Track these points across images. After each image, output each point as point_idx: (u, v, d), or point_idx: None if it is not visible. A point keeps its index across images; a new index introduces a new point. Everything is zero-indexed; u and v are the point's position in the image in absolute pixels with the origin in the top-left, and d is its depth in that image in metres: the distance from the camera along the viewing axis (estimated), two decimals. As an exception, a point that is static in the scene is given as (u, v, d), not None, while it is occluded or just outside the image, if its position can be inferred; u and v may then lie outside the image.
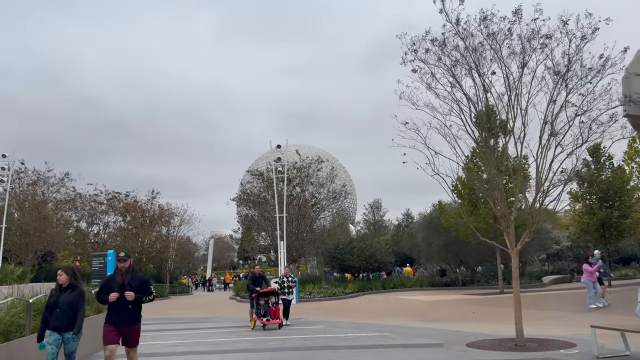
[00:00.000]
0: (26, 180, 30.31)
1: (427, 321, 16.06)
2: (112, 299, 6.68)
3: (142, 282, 6.99)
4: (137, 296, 6.74)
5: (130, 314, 6.82)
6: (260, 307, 14.72)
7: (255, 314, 14.72)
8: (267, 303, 14.73)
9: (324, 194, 33.54)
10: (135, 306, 6.88)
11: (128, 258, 6.97)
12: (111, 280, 6.97)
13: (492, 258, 37.47)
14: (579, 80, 9.57)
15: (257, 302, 14.80)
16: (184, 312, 23.99)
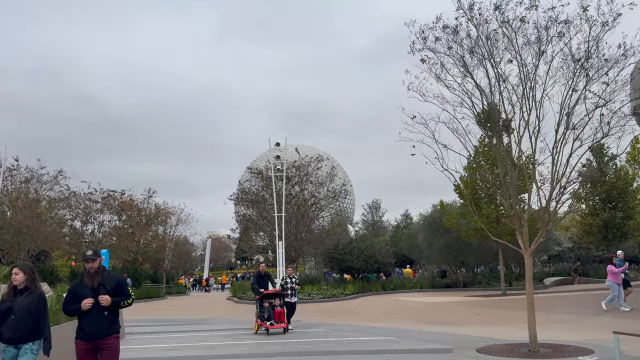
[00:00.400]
0: (19, 177, 29.69)
1: (431, 324, 15.50)
2: (85, 306, 5.34)
3: (118, 283, 5.72)
4: (113, 300, 5.50)
5: (106, 323, 5.50)
6: (265, 310, 13.57)
7: (259, 317, 13.65)
8: (271, 305, 13.68)
9: (324, 193, 32.98)
10: (112, 313, 5.61)
11: (97, 257, 5.63)
12: (79, 285, 5.63)
13: (493, 259, 36.99)
14: (597, 70, 9.00)
15: (261, 304, 13.70)
16: (179, 313, 23.40)
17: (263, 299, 13.71)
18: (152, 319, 20.56)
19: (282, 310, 13.68)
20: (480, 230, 27.72)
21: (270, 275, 15.39)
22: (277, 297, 13.89)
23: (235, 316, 20.71)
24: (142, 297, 34.78)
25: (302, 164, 32.43)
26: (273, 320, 13.38)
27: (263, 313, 13.54)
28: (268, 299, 13.75)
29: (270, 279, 14.99)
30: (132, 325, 16.94)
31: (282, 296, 14.09)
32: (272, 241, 35.22)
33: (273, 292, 14.22)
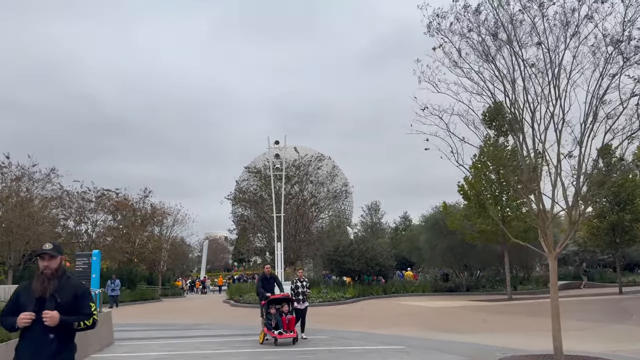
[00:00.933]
0: (9, 175, 28.75)
1: (439, 331, 14.64)
2: (21, 323, 3.71)
3: (77, 296, 3.92)
4: (63, 319, 3.75)
5: (48, 350, 3.74)
6: (271, 317, 12.00)
7: (265, 326, 12.04)
8: (278, 312, 12.14)
9: (324, 194, 32.12)
10: (61, 337, 3.81)
11: (57, 254, 4.01)
12: (24, 291, 3.96)
13: (497, 262, 36.15)
14: (636, 52, 8.14)
15: (267, 310, 12.13)
16: (174, 317, 22.47)
17: (269, 304, 12.21)
18: (145, 323, 19.65)
19: (292, 318, 12.10)
20: (485, 232, 26.95)
21: (276, 277, 14.01)
22: (285, 303, 12.31)
23: (232, 321, 19.83)
24: (136, 299, 33.87)
25: (302, 163, 31.56)
26: (282, 328, 11.79)
27: (270, 320, 12.00)
28: (275, 305, 12.22)
29: (277, 282, 13.36)
30: (123, 329, 16.06)
31: (291, 301, 12.55)
32: (271, 242, 34.36)
33: (281, 296, 12.57)
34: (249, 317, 21.06)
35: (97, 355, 11.06)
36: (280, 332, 11.71)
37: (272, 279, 13.25)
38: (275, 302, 12.28)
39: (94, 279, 20.17)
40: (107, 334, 12.87)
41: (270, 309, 12.13)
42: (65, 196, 33.28)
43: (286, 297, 12.57)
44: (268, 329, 11.88)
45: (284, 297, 12.56)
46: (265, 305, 12.22)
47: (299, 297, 12.79)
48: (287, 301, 12.41)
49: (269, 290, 12.69)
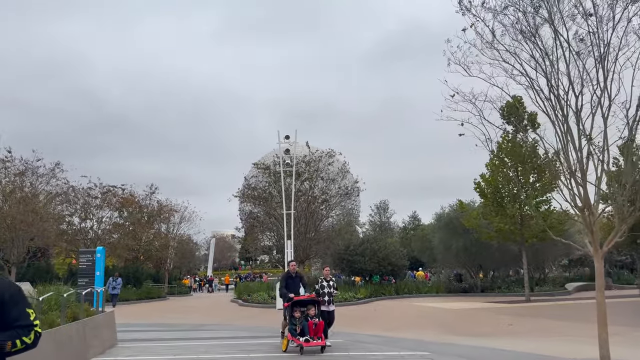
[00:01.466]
0: (13, 170, 28.09)
1: (461, 335, 13.75)
2: None
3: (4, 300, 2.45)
4: None
5: None
6: (296, 322, 10.41)
7: (289, 331, 10.42)
8: (304, 316, 10.53)
9: (335, 191, 31.20)
10: None
11: None
12: None
13: (513, 263, 35.13)
14: None
15: (291, 314, 10.60)
16: (180, 317, 21.72)
17: (293, 307, 10.66)
18: (150, 322, 18.93)
19: (321, 323, 10.41)
20: (503, 231, 25.97)
21: (302, 276, 12.25)
22: (311, 305, 10.70)
23: (241, 321, 19.02)
24: (142, 297, 33.23)
25: (312, 159, 30.67)
26: (308, 335, 10.12)
27: (294, 325, 10.40)
28: (300, 308, 10.66)
29: (302, 281, 11.82)
30: (127, 330, 15.30)
31: (318, 303, 10.87)
32: (279, 240, 33.53)
33: (307, 298, 10.98)
34: (258, 318, 20.30)
35: (98, 358, 10.28)
36: (307, 339, 10.02)
37: (298, 278, 11.64)
38: (301, 305, 10.76)
39: (98, 276, 19.44)
40: (110, 335, 12.10)
41: (295, 312, 10.56)
42: (70, 192, 32.61)
43: (313, 298, 10.92)
44: (292, 335, 10.29)
45: (310, 298, 10.93)
46: (289, 307, 10.68)
47: (325, 298, 11.14)
48: (314, 303, 10.80)
49: (293, 291, 11.14)
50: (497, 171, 26.82)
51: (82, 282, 19.22)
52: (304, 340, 10.02)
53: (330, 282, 11.47)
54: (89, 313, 11.14)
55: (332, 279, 11.89)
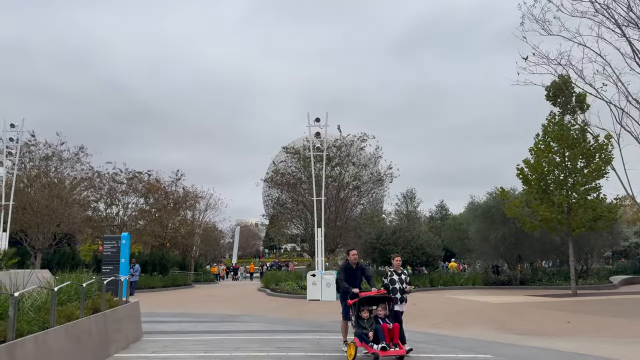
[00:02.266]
0: (38, 154, 27.59)
1: (517, 334, 12.38)
2: None
3: None
4: None
5: None
6: (365, 325, 8.32)
7: (357, 336, 8.28)
8: (372, 316, 8.51)
9: (367, 177, 29.81)
10: None
11: None
12: None
13: (555, 254, 33.35)
14: None
15: (357, 314, 8.52)
16: (208, 306, 20.83)
17: (360, 305, 8.58)
18: (177, 312, 18.04)
19: (396, 327, 8.29)
20: (549, 220, 24.27)
21: (364, 268, 9.99)
22: (381, 303, 8.59)
23: (271, 312, 17.97)
24: (168, 285, 32.71)
25: (343, 143, 29.31)
26: (384, 341, 7.95)
27: (363, 330, 8.27)
28: (368, 307, 8.60)
29: (365, 274, 9.65)
30: (153, 320, 14.38)
31: (391, 301, 8.76)
32: (307, 229, 32.41)
33: (376, 294, 8.72)
34: (289, 309, 19.23)
35: (121, 354, 9.30)
36: (384, 346, 7.84)
37: (359, 270, 9.57)
38: (368, 303, 8.63)
39: (123, 264, 18.67)
40: (134, 327, 11.11)
41: (362, 312, 8.50)
42: (95, 177, 32.08)
43: (384, 295, 8.72)
44: (363, 342, 8.12)
45: (381, 295, 8.69)
46: (355, 306, 8.59)
47: (397, 295, 8.95)
48: (386, 301, 8.64)
49: (354, 285, 9.12)
50: (542, 156, 25.07)
51: (106, 270, 18.48)
52: (380, 348, 7.82)
53: (402, 276, 9.22)
54: (111, 304, 10.15)
55: (404, 271, 9.48)
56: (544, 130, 25.38)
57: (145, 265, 33.88)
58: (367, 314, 8.47)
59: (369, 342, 8.05)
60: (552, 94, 25.57)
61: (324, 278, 22.32)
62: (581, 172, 24.64)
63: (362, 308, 8.55)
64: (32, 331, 6.71)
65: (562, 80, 25.53)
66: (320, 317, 16.20)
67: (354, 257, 9.61)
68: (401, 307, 9.01)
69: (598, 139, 24.21)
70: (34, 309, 7.64)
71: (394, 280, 9.14)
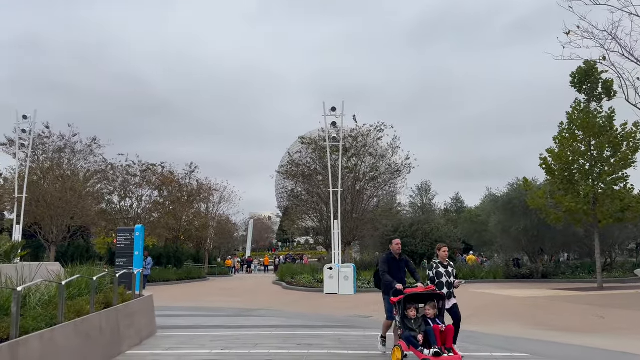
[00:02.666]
0: (51, 146, 27.37)
1: (550, 330, 11.72)
2: None
3: None
4: None
5: None
6: (413, 326, 7.10)
7: (405, 339, 7.02)
8: (419, 316, 7.25)
9: (384, 167, 29.10)
10: None
11: None
12: None
13: (578, 246, 32.44)
14: None
15: (403, 314, 7.27)
16: (223, 300, 20.44)
17: (407, 303, 7.31)
18: (192, 306, 17.64)
19: (450, 328, 7.03)
20: (574, 211, 23.43)
21: (408, 260, 8.54)
22: (430, 301, 7.31)
23: (288, 307, 17.47)
24: (183, 277, 32.49)
25: (360, 133, 28.62)
26: (436, 345, 6.70)
27: (411, 331, 7.02)
28: (415, 304, 7.34)
29: (409, 267, 8.38)
30: (167, 315, 13.99)
31: (442, 299, 7.47)
32: (322, 221, 31.87)
33: (424, 290, 7.44)
34: (306, 303, 18.74)
35: (134, 351, 8.84)
36: (437, 351, 6.58)
37: (403, 262, 8.28)
38: (416, 300, 7.38)
39: (137, 256, 18.29)
40: (148, 322, 10.66)
41: (409, 310, 7.24)
42: (109, 170, 31.83)
43: (432, 291, 7.43)
44: (411, 346, 6.87)
45: (430, 292, 7.41)
46: (400, 304, 7.30)
47: (443, 290, 7.66)
48: (436, 298, 7.34)
49: (397, 279, 7.85)
50: (567, 145, 24.19)
51: (120, 262, 18.12)
52: (433, 353, 6.56)
53: (449, 268, 7.92)
54: (124, 298, 9.70)
55: (451, 263, 8.22)
56: (569, 118, 24.47)
57: (159, 258, 33.69)
58: (414, 313, 7.20)
59: (418, 346, 6.77)
60: (578, 80, 24.64)
61: (341, 271, 21.77)
62: (608, 162, 23.75)
63: (409, 306, 7.25)
64: (39, 328, 6.24)
65: (588, 66, 24.59)
66: (338, 311, 15.69)
67: (398, 247, 8.26)
68: (449, 303, 7.69)
69: (625, 126, 23.29)
70: (41, 304, 7.19)
71: (440, 273, 7.81)
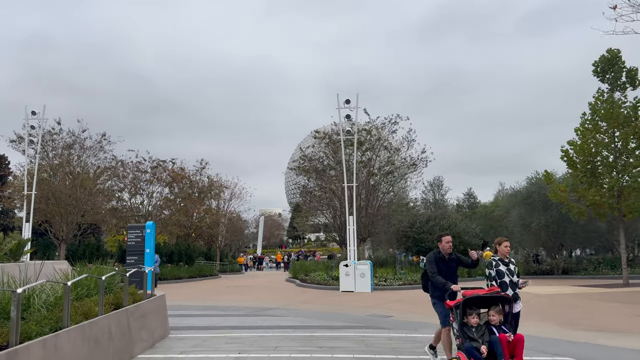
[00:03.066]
0: (61, 143, 26.96)
1: (586, 330, 11.00)
2: None
3: None
4: None
5: None
6: (474, 335, 5.96)
7: (466, 351, 5.84)
8: (481, 322, 6.12)
9: (399, 162, 28.35)
10: None
11: None
12: None
13: (599, 241, 31.53)
14: None
15: (462, 321, 6.11)
16: (236, 298, 19.90)
17: (466, 307, 6.12)
18: (205, 305, 17.10)
19: (519, 337, 5.92)
20: (599, 205, 22.59)
21: (460, 258, 7.30)
22: (495, 305, 6.14)
23: (304, 305, 16.87)
24: (194, 275, 32.06)
25: (374, 126, 27.89)
26: (503, 359, 5.69)
27: (473, 341, 5.86)
28: (476, 309, 6.17)
29: (463, 265, 7.25)
30: (180, 314, 13.47)
31: (509, 302, 6.25)
32: (335, 217, 31.25)
33: (488, 292, 6.26)
34: (322, 301, 18.12)
35: (146, 355, 8.30)
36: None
37: (454, 261, 7.14)
38: (477, 304, 6.20)
39: (148, 254, 17.77)
40: (160, 323, 10.12)
41: (470, 316, 6.04)
42: (119, 166, 31.41)
43: (497, 293, 6.19)
44: (473, 359, 5.73)
45: (493, 293, 6.19)
46: (459, 308, 6.11)
47: (508, 292, 6.46)
48: (502, 302, 6.17)
49: (454, 280, 6.85)
50: (590, 137, 23.32)
51: (130, 260, 17.63)
52: None
53: (510, 266, 6.73)
54: (135, 298, 9.15)
55: (512, 259, 6.96)
56: (591, 108, 23.61)
57: (171, 256, 33.29)
58: (476, 320, 5.99)
59: (476, 356, 5.70)
60: (601, 69, 23.77)
61: (357, 268, 21.13)
62: (633, 153, 22.86)
63: (469, 312, 6.04)
64: (42, 333, 5.69)
65: (611, 54, 23.72)
66: (357, 310, 15.06)
67: (449, 245, 7.07)
68: (515, 308, 6.46)
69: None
70: (46, 305, 6.65)
71: (502, 272, 6.60)
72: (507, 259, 6.86)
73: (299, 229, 79.89)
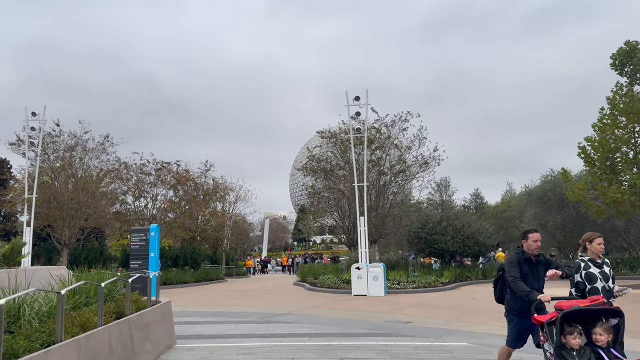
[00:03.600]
0: (62, 145, 26.33)
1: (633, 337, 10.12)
2: None
3: None
4: None
5: None
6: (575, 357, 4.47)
7: None
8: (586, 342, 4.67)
9: (411, 160, 27.59)
10: None
11: None
12: None
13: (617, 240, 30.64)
14: None
15: (559, 341, 4.61)
16: (244, 303, 19.15)
17: (564, 323, 4.64)
18: (212, 311, 16.35)
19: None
20: (620, 203, 21.75)
21: (549, 260, 5.92)
22: (600, 321, 4.71)
23: (316, 310, 16.09)
24: (200, 279, 31.36)
25: (384, 124, 27.13)
26: None
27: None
28: (576, 326, 4.65)
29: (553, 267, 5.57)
30: (186, 322, 12.73)
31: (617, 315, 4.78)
32: (344, 219, 30.48)
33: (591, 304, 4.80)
34: (334, 306, 17.32)
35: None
36: None
37: (541, 264, 5.69)
38: (578, 320, 4.73)
39: (152, 258, 17.03)
40: (166, 333, 9.37)
41: (569, 336, 4.61)
42: (122, 169, 30.72)
43: (603, 305, 4.82)
44: None
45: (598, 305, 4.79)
46: (555, 325, 4.68)
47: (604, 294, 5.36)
48: (610, 316, 4.79)
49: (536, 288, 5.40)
50: (609, 132, 22.49)
51: (134, 265, 16.92)
52: None
53: (604, 268, 5.50)
54: (138, 306, 8.40)
55: (606, 260, 5.72)
56: (610, 102, 22.80)
57: (176, 260, 32.62)
58: (578, 341, 4.59)
59: None
60: (619, 62, 22.97)
61: (370, 271, 20.33)
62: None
63: (568, 330, 4.65)
64: (32, 349, 4.96)
65: (629, 46, 22.89)
66: (374, 316, 14.28)
67: (537, 244, 5.63)
68: (613, 320, 4.85)
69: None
70: (38, 317, 5.92)
71: (593, 275, 5.37)
72: (599, 259, 5.57)
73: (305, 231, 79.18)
